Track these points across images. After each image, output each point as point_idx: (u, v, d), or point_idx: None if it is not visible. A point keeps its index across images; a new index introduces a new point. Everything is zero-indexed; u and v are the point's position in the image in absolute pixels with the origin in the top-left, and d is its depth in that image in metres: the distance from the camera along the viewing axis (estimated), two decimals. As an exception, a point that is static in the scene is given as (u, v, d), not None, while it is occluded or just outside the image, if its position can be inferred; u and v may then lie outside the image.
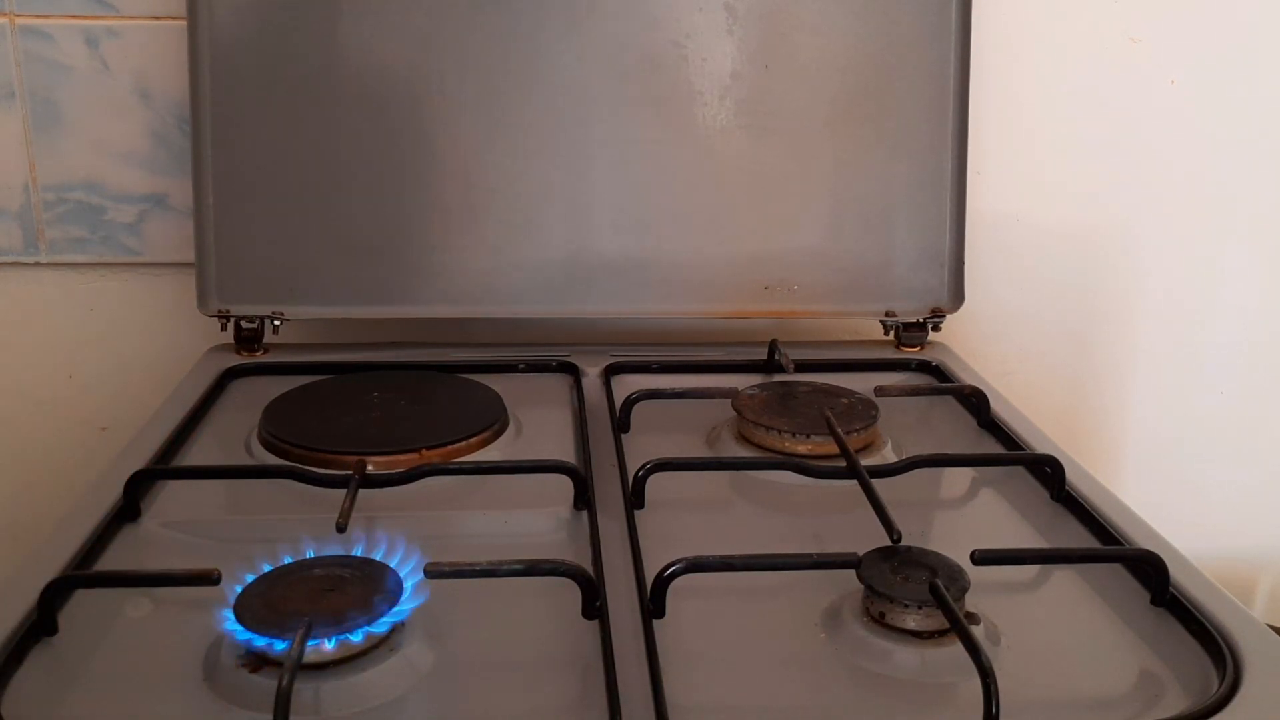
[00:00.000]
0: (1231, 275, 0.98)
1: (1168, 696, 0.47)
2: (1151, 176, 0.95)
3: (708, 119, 0.85)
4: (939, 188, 0.87)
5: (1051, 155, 0.94)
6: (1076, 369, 1.00)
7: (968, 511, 0.65)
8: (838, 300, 0.88)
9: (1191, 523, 0.98)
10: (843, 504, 0.62)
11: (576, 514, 0.61)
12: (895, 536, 0.54)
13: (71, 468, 0.93)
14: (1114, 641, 0.51)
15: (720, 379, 0.79)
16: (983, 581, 0.52)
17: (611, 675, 0.46)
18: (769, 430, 0.69)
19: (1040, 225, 0.96)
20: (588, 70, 0.83)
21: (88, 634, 0.50)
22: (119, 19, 0.85)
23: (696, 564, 0.52)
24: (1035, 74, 0.92)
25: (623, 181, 0.85)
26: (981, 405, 0.76)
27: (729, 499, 0.65)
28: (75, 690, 0.47)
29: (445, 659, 0.48)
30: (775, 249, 0.87)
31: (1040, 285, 0.97)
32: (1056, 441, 0.71)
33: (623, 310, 0.87)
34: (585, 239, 0.85)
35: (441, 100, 0.83)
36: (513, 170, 0.84)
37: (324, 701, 0.45)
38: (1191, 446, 1.02)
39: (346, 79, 0.82)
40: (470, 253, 0.85)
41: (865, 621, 0.51)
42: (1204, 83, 0.93)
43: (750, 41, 0.84)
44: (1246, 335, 0.99)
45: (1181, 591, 0.53)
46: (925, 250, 0.87)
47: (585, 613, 0.51)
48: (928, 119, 0.86)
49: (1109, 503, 0.63)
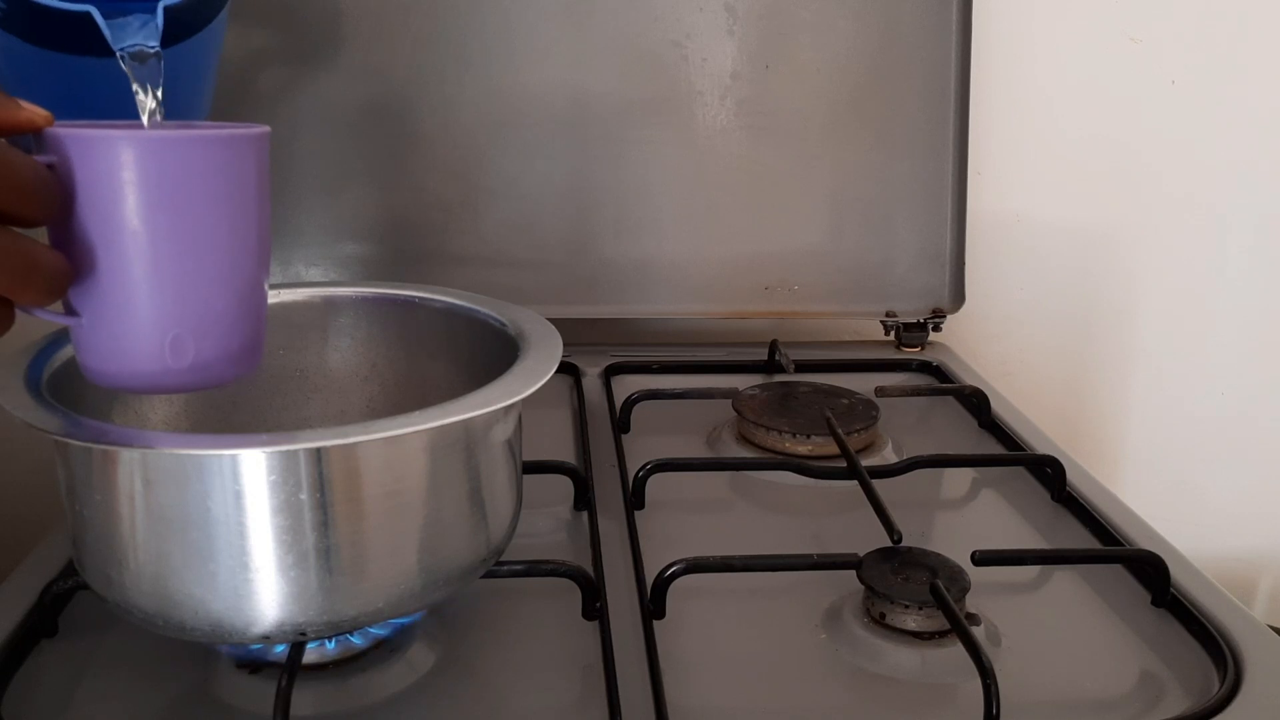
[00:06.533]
0: (1231, 275, 0.98)
1: (1168, 697, 0.47)
2: (1152, 177, 0.95)
3: (708, 119, 0.85)
4: (939, 188, 0.87)
5: (1052, 155, 0.94)
6: (1077, 369, 1.00)
7: (968, 512, 0.65)
8: (838, 300, 0.88)
9: (1192, 523, 0.98)
10: (843, 504, 0.62)
11: (576, 514, 0.61)
12: (896, 537, 0.54)
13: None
14: (1115, 642, 0.51)
15: (720, 379, 0.79)
16: (983, 582, 0.52)
17: (611, 676, 0.46)
18: (769, 431, 0.69)
19: (1041, 225, 0.96)
20: (588, 70, 0.83)
21: (88, 634, 0.50)
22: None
23: (697, 565, 0.52)
24: (1036, 74, 0.92)
25: (623, 181, 0.85)
26: (982, 405, 0.76)
27: (729, 499, 0.65)
28: (75, 690, 0.47)
29: (445, 659, 0.48)
30: (775, 249, 0.87)
31: (1041, 285, 0.97)
32: (1057, 442, 0.71)
33: (623, 310, 0.87)
34: (585, 239, 0.86)
35: (441, 100, 0.83)
36: (513, 170, 0.84)
37: (324, 702, 0.45)
38: (1191, 446, 1.02)
39: (346, 79, 0.82)
40: (470, 253, 0.85)
41: (866, 622, 0.51)
42: (1204, 83, 0.93)
43: (751, 41, 0.84)
44: (1246, 336, 0.99)
45: (1182, 592, 0.53)
46: (926, 250, 0.87)
47: (585, 613, 0.51)
48: (928, 119, 0.86)
49: (1109, 503, 0.63)
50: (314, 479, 0.40)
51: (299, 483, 0.40)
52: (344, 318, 0.57)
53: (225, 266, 0.41)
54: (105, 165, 0.38)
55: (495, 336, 0.52)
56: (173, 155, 0.39)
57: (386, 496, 0.42)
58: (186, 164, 0.39)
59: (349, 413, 0.58)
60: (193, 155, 0.39)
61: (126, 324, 0.40)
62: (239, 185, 0.41)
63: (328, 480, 0.40)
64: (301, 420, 0.57)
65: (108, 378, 0.41)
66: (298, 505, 0.40)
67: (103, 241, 0.38)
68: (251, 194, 0.41)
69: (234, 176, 0.40)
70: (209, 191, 0.40)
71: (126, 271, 0.39)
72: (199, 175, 0.39)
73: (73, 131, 0.38)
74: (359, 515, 0.41)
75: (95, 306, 0.40)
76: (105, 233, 0.38)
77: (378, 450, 0.41)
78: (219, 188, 0.40)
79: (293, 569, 0.40)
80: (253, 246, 0.42)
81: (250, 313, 0.42)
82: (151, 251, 0.39)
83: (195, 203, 0.39)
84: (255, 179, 0.41)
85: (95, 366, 0.41)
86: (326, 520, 0.40)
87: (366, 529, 0.41)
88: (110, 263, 0.39)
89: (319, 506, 0.40)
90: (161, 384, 0.41)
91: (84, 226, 0.38)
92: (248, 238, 0.41)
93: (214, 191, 0.40)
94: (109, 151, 0.38)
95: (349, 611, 0.42)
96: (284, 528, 0.40)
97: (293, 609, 0.41)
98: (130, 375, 0.41)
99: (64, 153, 0.38)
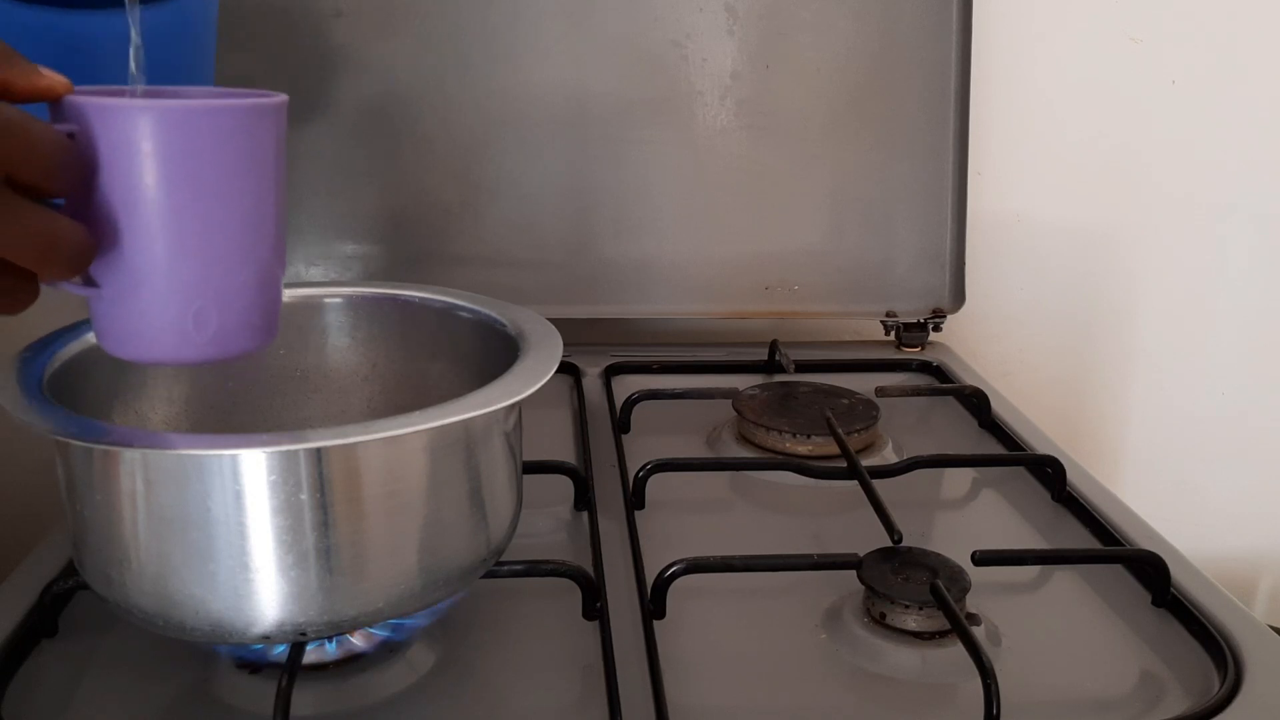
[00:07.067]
0: (1232, 275, 0.98)
1: (1169, 697, 0.47)
2: (1152, 177, 0.95)
3: (708, 119, 0.85)
4: (940, 188, 0.87)
5: (1052, 155, 0.94)
6: (1077, 369, 1.00)
7: (969, 512, 0.65)
8: (838, 300, 0.88)
9: (1192, 523, 0.98)
10: (843, 504, 0.62)
11: (577, 514, 0.61)
12: (896, 537, 0.54)
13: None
14: (1115, 642, 0.51)
15: (721, 379, 0.79)
16: (983, 582, 0.52)
17: (612, 676, 0.46)
18: (769, 431, 0.69)
19: (1041, 225, 0.96)
20: (588, 70, 0.83)
21: (88, 634, 0.50)
22: (119, 19, 0.84)
23: (697, 565, 0.52)
24: (1036, 74, 0.92)
25: (623, 181, 0.85)
26: (982, 405, 0.76)
27: (729, 499, 0.65)
28: (75, 690, 0.47)
29: (445, 659, 0.48)
30: (776, 249, 0.87)
31: (1041, 285, 0.97)
32: (1057, 442, 0.71)
33: (623, 310, 0.87)
34: (585, 239, 0.86)
35: (441, 100, 0.83)
36: (513, 170, 0.84)
37: (325, 702, 0.45)
38: (1191, 446, 1.02)
39: (346, 79, 0.82)
40: (470, 253, 0.85)
41: (866, 622, 0.51)
42: (1204, 83, 0.93)
43: (751, 41, 0.84)
44: (1246, 336, 0.99)
45: (1182, 592, 0.53)
46: (926, 250, 0.87)
47: (585, 614, 0.51)
48: (929, 119, 0.86)
49: (1110, 503, 0.62)
50: (314, 479, 0.40)
51: (299, 483, 0.40)
52: (344, 318, 0.57)
53: (248, 237, 0.41)
54: (131, 136, 0.37)
55: (495, 336, 0.52)
56: (198, 125, 0.38)
57: (386, 496, 0.42)
58: (212, 133, 0.39)
59: (349, 413, 0.58)
60: (218, 124, 0.39)
61: (150, 295, 0.39)
62: (261, 154, 0.40)
63: (328, 480, 0.40)
64: (301, 420, 0.57)
65: (128, 350, 0.41)
66: (298, 505, 0.40)
67: (126, 212, 0.38)
68: (272, 163, 0.41)
69: (257, 145, 0.40)
70: (233, 161, 0.39)
71: (151, 243, 0.39)
72: (223, 144, 0.39)
73: (96, 100, 0.37)
74: (359, 515, 0.41)
75: (117, 278, 0.39)
76: (129, 204, 0.38)
77: (378, 450, 0.41)
78: (242, 157, 0.40)
79: (293, 569, 0.40)
80: (273, 216, 0.41)
81: (270, 283, 0.42)
82: (176, 222, 0.39)
83: (220, 173, 0.39)
84: (275, 148, 0.41)
85: (115, 339, 0.41)
86: (326, 520, 0.40)
87: (366, 529, 0.41)
88: (134, 234, 0.38)
89: (319, 507, 0.40)
90: (182, 355, 0.40)
91: (106, 197, 0.38)
92: (269, 207, 0.41)
93: (238, 161, 0.40)
94: (135, 121, 0.37)
95: (349, 611, 0.42)
96: (284, 528, 0.40)
97: (293, 609, 0.41)
98: (151, 346, 0.40)
99: (86, 122, 0.37)
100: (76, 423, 0.40)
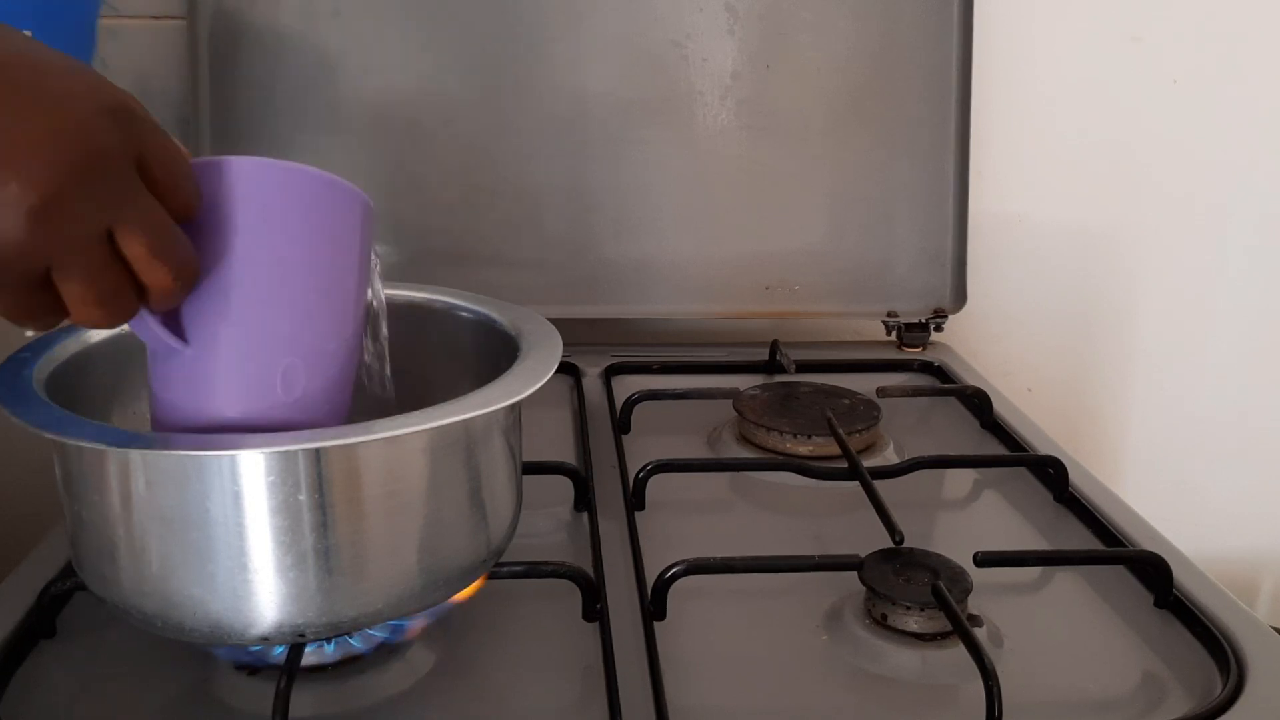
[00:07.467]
0: (1232, 276, 0.98)
1: (1171, 698, 0.47)
2: (1153, 177, 0.95)
3: (708, 119, 0.85)
4: (941, 188, 0.86)
5: (1053, 156, 0.94)
6: (1078, 369, 1.00)
7: (970, 513, 0.65)
8: (839, 300, 0.88)
9: (1193, 523, 0.97)
10: (844, 505, 0.62)
11: (577, 515, 0.61)
12: (897, 538, 0.54)
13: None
14: (1117, 643, 0.51)
15: (721, 380, 0.79)
16: (985, 583, 0.51)
17: (612, 677, 0.46)
18: (770, 431, 0.69)
19: (1042, 225, 0.96)
20: (588, 70, 0.83)
21: (87, 635, 0.50)
22: (119, 19, 0.84)
23: (697, 566, 0.52)
24: (1037, 74, 0.92)
25: (623, 181, 0.85)
26: (984, 406, 0.76)
27: (730, 500, 0.65)
28: (75, 690, 0.47)
29: (445, 660, 0.48)
30: (776, 249, 0.87)
31: (1042, 285, 0.97)
32: (1058, 442, 0.70)
33: (623, 310, 0.87)
34: (585, 239, 0.85)
35: (441, 100, 0.83)
36: (513, 170, 0.84)
37: (324, 703, 0.45)
38: (1192, 446, 1.01)
39: (346, 79, 0.82)
40: (470, 253, 0.84)
41: (867, 623, 0.50)
42: (1205, 83, 0.93)
43: (751, 41, 0.84)
44: (1246, 336, 0.99)
45: (1184, 593, 0.53)
46: (927, 250, 0.87)
47: (586, 615, 0.51)
48: (930, 119, 0.86)
49: (1112, 504, 0.62)
50: (313, 479, 0.40)
51: (298, 483, 0.39)
52: (344, 318, 0.57)
53: (339, 309, 0.43)
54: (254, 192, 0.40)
55: (495, 336, 0.51)
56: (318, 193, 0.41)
57: (386, 497, 0.42)
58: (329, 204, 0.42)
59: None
60: (335, 198, 0.42)
61: (244, 343, 0.40)
62: (358, 237, 0.43)
63: (327, 481, 0.40)
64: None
65: (209, 408, 0.41)
66: (297, 506, 0.40)
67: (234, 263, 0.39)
68: (362, 251, 0.44)
69: (355, 228, 0.43)
70: (339, 234, 0.42)
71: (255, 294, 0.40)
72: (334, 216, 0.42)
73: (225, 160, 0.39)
74: (358, 516, 0.41)
75: (210, 332, 0.40)
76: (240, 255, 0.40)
77: (377, 450, 0.41)
78: (345, 233, 0.43)
79: (292, 570, 0.40)
80: (358, 300, 0.44)
81: (350, 367, 0.44)
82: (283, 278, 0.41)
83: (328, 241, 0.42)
84: (366, 241, 0.44)
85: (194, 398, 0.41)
86: (325, 521, 0.40)
87: (366, 530, 0.41)
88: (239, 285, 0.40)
89: (318, 507, 0.40)
90: (266, 416, 0.41)
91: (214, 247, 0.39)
92: (358, 288, 0.44)
93: (343, 235, 0.42)
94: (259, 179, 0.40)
95: (348, 612, 0.41)
96: (283, 528, 0.40)
97: (292, 610, 0.41)
98: (235, 402, 0.41)
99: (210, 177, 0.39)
100: (75, 423, 0.40)
